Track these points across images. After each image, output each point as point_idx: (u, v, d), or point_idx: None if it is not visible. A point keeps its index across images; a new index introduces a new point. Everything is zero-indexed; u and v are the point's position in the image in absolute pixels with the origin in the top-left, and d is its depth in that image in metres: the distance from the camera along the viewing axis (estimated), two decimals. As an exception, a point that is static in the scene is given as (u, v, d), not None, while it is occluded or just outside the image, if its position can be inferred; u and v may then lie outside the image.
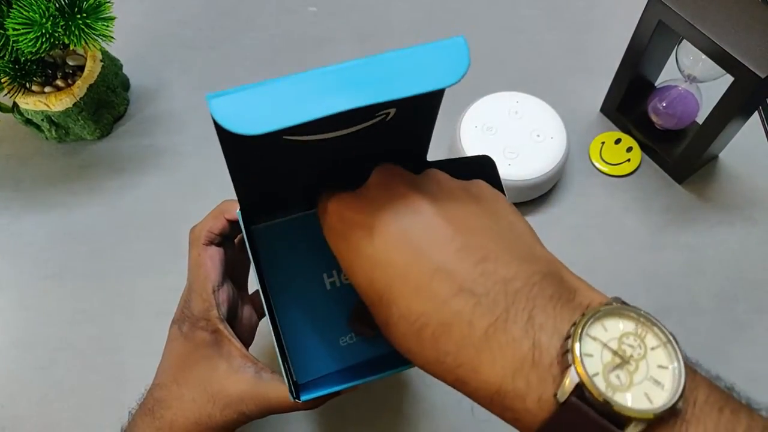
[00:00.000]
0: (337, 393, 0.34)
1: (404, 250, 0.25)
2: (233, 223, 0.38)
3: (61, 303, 0.54)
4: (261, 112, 0.23)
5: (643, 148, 0.61)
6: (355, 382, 0.33)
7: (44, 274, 0.55)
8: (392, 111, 0.29)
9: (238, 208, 0.34)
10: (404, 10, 0.70)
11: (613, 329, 0.23)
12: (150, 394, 0.37)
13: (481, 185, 0.30)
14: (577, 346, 0.22)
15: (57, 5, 0.48)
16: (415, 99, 0.26)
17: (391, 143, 0.32)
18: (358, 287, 0.28)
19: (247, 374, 0.35)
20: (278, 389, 0.35)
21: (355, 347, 0.37)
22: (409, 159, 0.32)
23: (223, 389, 0.35)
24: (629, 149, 0.61)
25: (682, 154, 0.57)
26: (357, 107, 0.24)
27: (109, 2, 0.50)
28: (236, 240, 0.41)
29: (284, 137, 0.27)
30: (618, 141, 0.61)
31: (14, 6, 0.46)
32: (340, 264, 0.28)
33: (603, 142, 0.61)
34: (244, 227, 0.34)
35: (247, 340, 0.41)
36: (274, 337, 0.33)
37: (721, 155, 0.61)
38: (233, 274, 0.40)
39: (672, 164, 0.59)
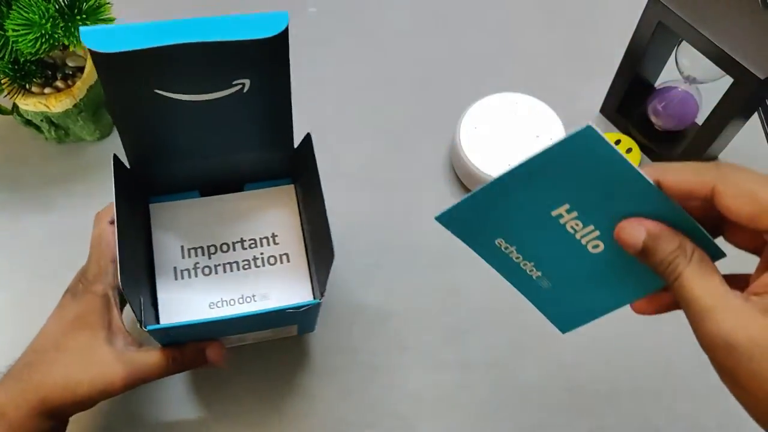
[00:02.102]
0: (195, 334, 0.39)
1: None
2: None
3: (61, 304, 0.54)
4: (121, 40, 0.32)
5: (643, 149, 0.61)
6: (210, 319, 0.38)
7: (43, 275, 0.55)
8: (247, 82, 0.35)
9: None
10: (404, 10, 0.70)
11: None
12: (21, 359, 0.39)
13: None
14: None
15: (57, 6, 0.48)
16: (261, 71, 0.35)
17: (254, 114, 0.39)
18: None
19: (119, 345, 0.38)
20: (148, 358, 0.38)
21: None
22: (277, 131, 0.40)
23: (96, 356, 0.37)
24: (629, 150, 0.61)
25: (681, 155, 0.57)
26: (193, 42, 0.32)
27: (108, 3, 0.50)
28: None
29: (155, 90, 0.35)
30: (618, 142, 0.61)
31: (14, 7, 0.47)
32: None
33: (603, 143, 0.61)
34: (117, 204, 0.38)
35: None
36: (120, 276, 0.35)
37: (720, 156, 0.61)
38: None
39: (672, 165, 0.59)
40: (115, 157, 0.39)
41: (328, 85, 0.65)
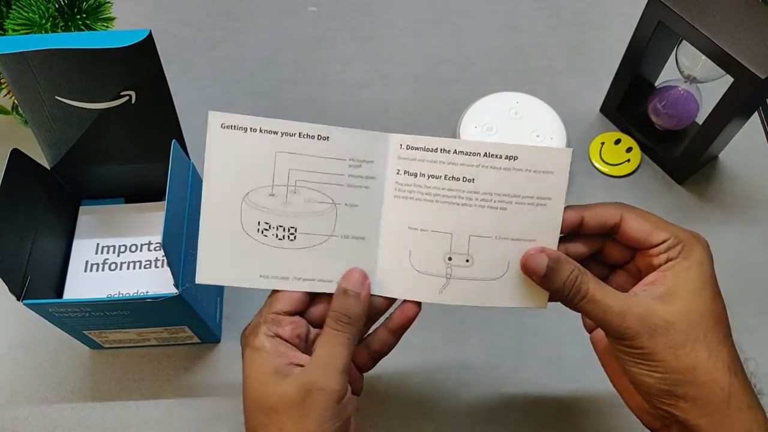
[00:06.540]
0: (76, 319, 0.43)
1: None
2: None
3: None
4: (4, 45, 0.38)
5: (643, 148, 0.61)
6: (77, 300, 0.42)
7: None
8: (132, 94, 0.41)
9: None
10: (404, 10, 0.70)
11: None
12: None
13: None
14: None
15: (56, 6, 0.48)
16: (139, 82, 0.40)
17: (147, 125, 0.44)
18: None
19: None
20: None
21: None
22: (167, 136, 0.42)
23: None
24: (629, 149, 0.61)
25: (682, 155, 0.57)
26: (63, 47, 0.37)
27: (108, 2, 0.50)
28: None
29: (56, 97, 0.40)
30: (618, 141, 0.61)
31: (14, 7, 0.47)
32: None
33: (603, 143, 0.61)
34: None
35: None
36: None
37: (721, 155, 0.61)
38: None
39: (672, 165, 0.59)
40: (16, 151, 0.43)
41: (328, 84, 0.65)
